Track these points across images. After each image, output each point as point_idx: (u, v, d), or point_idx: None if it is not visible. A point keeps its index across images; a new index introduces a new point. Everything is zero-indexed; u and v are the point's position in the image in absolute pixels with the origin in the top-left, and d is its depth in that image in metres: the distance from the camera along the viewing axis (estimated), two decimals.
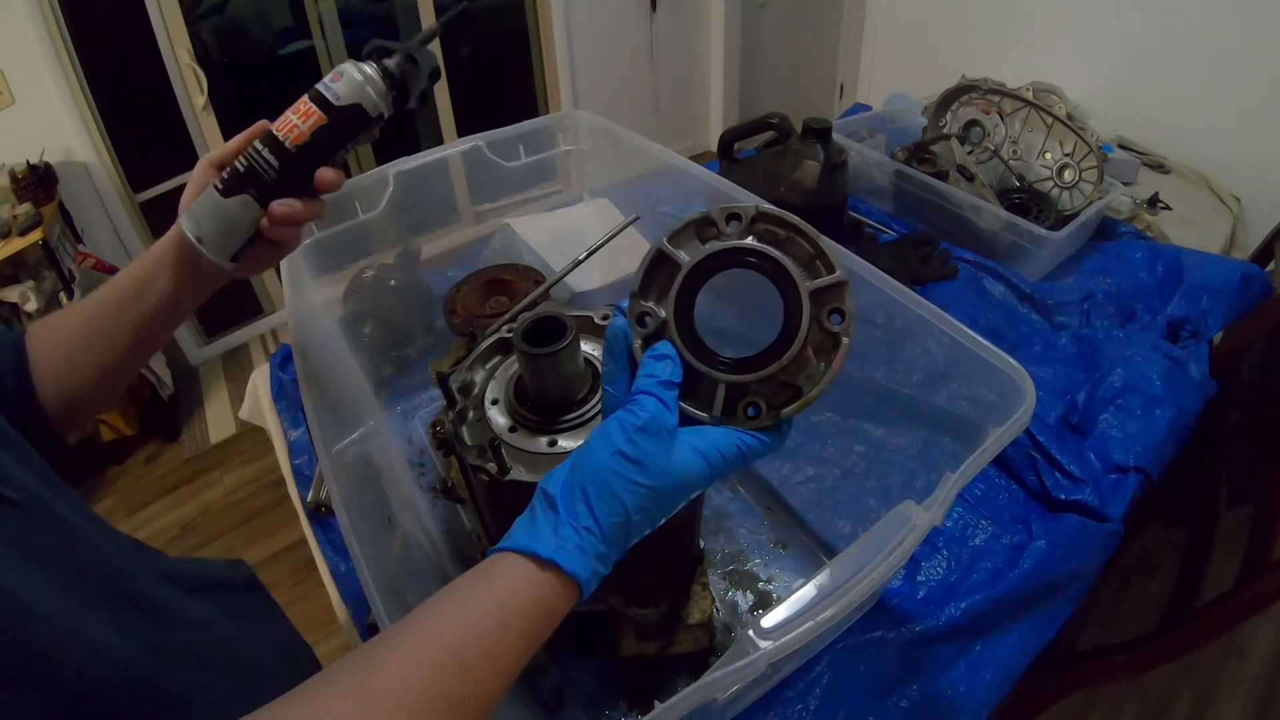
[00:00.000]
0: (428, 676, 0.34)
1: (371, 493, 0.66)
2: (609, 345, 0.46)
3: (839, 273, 0.43)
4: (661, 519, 0.41)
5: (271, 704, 0.32)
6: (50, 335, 0.54)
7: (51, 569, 0.38)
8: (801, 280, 0.44)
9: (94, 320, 0.54)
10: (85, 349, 0.54)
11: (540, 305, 0.70)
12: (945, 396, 0.65)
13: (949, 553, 0.82)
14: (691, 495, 0.42)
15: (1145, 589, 1.56)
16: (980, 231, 1.27)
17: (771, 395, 0.44)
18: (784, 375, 0.43)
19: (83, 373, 0.54)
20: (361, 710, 0.32)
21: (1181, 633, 0.90)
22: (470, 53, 2.84)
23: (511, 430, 0.59)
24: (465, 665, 0.35)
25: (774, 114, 1.18)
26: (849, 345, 0.43)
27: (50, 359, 0.53)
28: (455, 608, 0.37)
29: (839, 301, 0.43)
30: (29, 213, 1.85)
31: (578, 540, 0.38)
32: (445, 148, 0.89)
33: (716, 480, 0.42)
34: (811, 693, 0.69)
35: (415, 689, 0.33)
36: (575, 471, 0.40)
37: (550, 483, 0.40)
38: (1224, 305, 1.14)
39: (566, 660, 0.71)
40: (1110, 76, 1.98)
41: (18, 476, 0.40)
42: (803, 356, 0.43)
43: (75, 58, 2.00)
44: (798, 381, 0.43)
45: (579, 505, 0.38)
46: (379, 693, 0.33)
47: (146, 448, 2.26)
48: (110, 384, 0.56)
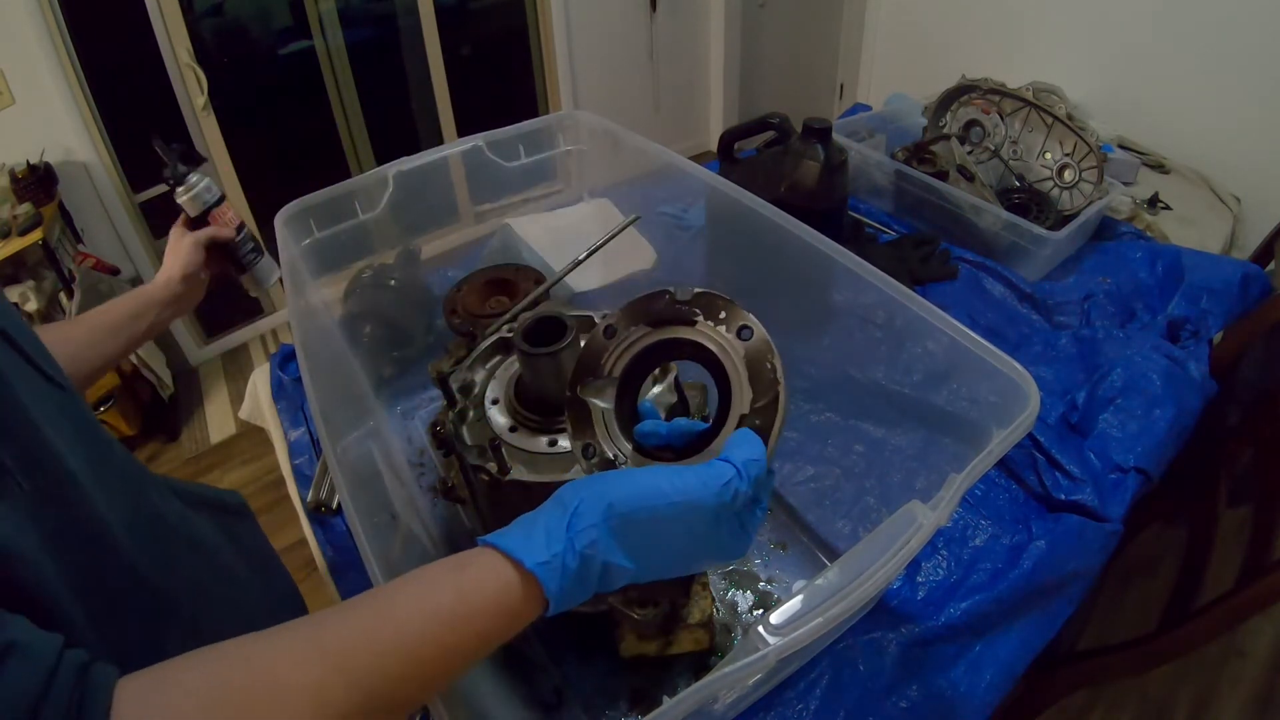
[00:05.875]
0: (371, 648, 0.34)
1: (373, 492, 0.66)
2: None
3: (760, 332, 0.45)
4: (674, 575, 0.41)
5: (235, 639, 0.33)
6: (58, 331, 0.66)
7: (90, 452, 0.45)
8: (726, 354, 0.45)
9: (95, 330, 0.68)
10: (89, 349, 0.66)
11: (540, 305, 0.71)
12: (945, 396, 0.65)
13: (949, 553, 0.82)
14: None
15: (1145, 589, 1.56)
16: (980, 231, 1.27)
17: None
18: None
19: (88, 364, 0.66)
20: (302, 663, 0.33)
21: (1181, 633, 0.90)
22: (470, 53, 2.84)
23: (512, 430, 0.59)
24: (408, 647, 0.35)
25: (774, 114, 1.17)
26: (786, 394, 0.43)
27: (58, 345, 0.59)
28: (418, 589, 0.37)
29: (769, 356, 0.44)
30: (29, 213, 1.85)
31: (561, 569, 0.37)
32: (445, 148, 0.89)
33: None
34: (811, 693, 0.69)
35: (356, 656, 0.34)
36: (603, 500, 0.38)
37: (572, 492, 0.39)
38: (1224, 305, 1.14)
39: (566, 660, 0.71)
40: (1110, 76, 1.98)
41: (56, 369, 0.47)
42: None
43: (75, 58, 2.00)
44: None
45: (587, 537, 0.38)
46: (323, 651, 0.33)
47: (146, 448, 2.26)
48: (102, 374, 0.71)
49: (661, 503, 0.38)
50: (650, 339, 0.48)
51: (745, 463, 0.40)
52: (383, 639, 0.35)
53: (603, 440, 0.47)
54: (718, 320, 0.46)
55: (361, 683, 0.33)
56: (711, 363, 0.46)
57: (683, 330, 0.47)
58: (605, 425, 0.47)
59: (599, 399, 0.47)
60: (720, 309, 0.47)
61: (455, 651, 0.37)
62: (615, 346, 0.48)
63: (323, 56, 2.51)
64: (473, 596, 0.37)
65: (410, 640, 0.35)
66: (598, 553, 0.38)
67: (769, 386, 0.43)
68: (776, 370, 0.44)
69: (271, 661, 0.32)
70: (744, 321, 0.46)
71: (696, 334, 0.47)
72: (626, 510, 0.38)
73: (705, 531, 0.40)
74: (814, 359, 0.84)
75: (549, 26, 2.82)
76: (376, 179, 0.85)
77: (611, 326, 0.49)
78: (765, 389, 0.43)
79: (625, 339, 0.48)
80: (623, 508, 0.38)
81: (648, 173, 0.94)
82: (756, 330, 0.45)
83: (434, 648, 0.36)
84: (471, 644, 0.37)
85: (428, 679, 0.36)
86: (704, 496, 0.39)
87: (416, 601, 0.36)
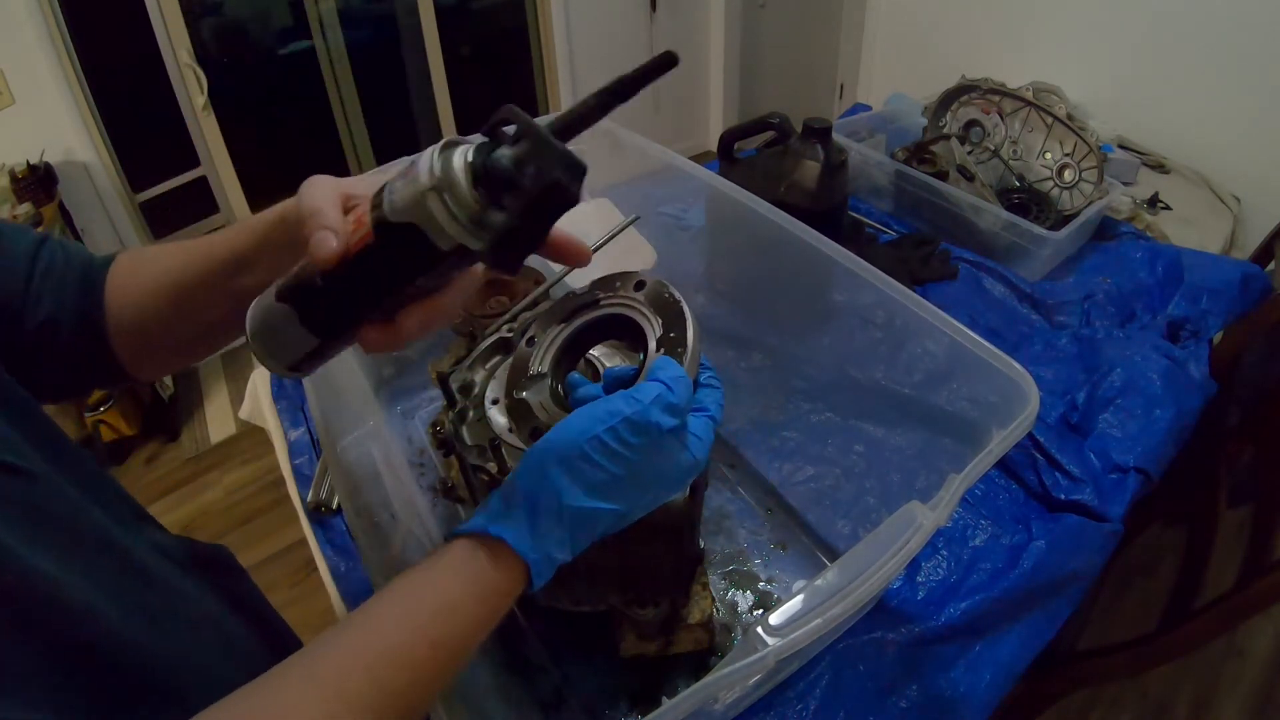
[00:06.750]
0: (362, 664, 0.34)
1: (373, 492, 0.66)
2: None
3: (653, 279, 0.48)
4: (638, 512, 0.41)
5: (231, 697, 0.33)
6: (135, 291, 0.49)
7: (56, 539, 0.38)
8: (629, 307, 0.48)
9: (184, 289, 0.48)
10: (178, 317, 0.49)
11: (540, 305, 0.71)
12: (945, 396, 0.65)
13: (949, 553, 0.82)
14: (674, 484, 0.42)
15: (1145, 589, 1.57)
16: (980, 231, 1.27)
17: None
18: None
19: (176, 337, 0.51)
20: (303, 701, 0.32)
21: (1181, 633, 0.90)
22: (470, 53, 2.84)
23: (511, 430, 0.59)
24: (400, 653, 0.35)
25: (774, 114, 1.17)
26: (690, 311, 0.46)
27: (134, 308, 0.49)
28: (398, 596, 0.37)
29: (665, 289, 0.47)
30: (29, 213, 1.85)
31: (529, 522, 0.38)
32: None
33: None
34: (811, 693, 0.69)
35: (351, 678, 0.34)
36: (547, 448, 0.39)
37: (524, 459, 0.40)
38: (1224, 305, 1.14)
39: (566, 660, 0.71)
40: (1110, 76, 1.99)
41: (27, 447, 0.40)
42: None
43: (75, 58, 2.00)
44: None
45: (542, 485, 0.38)
46: (320, 683, 0.33)
47: (146, 448, 2.26)
48: (205, 348, 0.53)
49: (601, 429, 0.38)
50: (565, 331, 0.51)
51: (670, 379, 0.40)
52: (372, 653, 0.35)
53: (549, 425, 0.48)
54: (615, 290, 0.50)
55: (364, 702, 0.33)
56: (621, 322, 0.49)
57: (588, 311, 0.50)
58: (546, 411, 0.49)
59: (534, 394, 0.50)
60: (615, 281, 0.50)
61: (447, 644, 0.37)
62: (537, 351, 0.52)
63: (323, 56, 2.51)
64: (452, 587, 0.37)
65: (398, 647, 0.35)
66: (561, 498, 0.38)
67: (672, 308, 0.46)
68: (674, 295, 0.47)
69: (279, 712, 0.32)
70: (638, 278, 0.49)
71: (599, 309, 0.50)
72: (570, 450, 0.38)
73: (649, 445, 0.39)
74: (814, 359, 0.84)
75: (549, 26, 2.82)
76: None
77: (532, 337, 0.52)
78: (672, 316, 0.46)
79: (544, 341, 0.52)
80: (566, 449, 0.38)
81: (648, 173, 0.94)
82: (649, 279, 0.48)
83: (426, 647, 0.36)
84: (466, 630, 0.37)
85: (430, 678, 0.36)
86: (638, 411, 0.39)
87: (396, 607, 0.36)
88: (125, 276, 0.50)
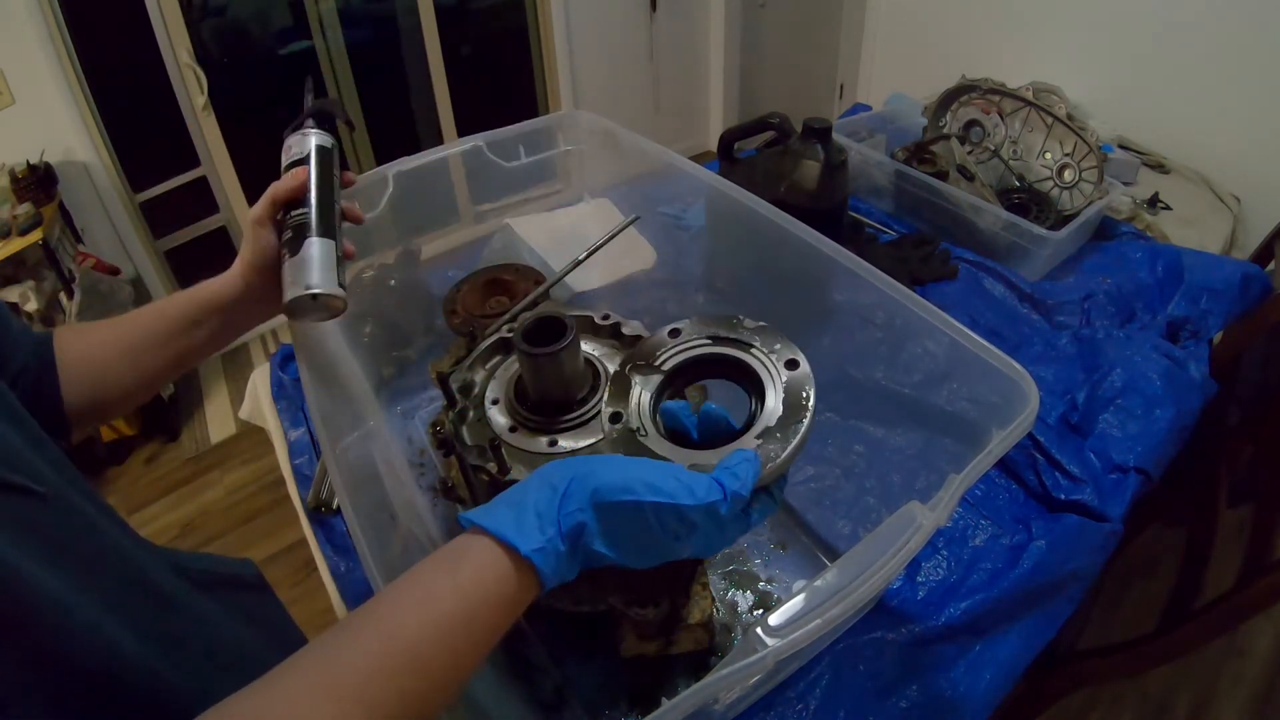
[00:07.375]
0: (386, 672, 0.34)
1: (372, 492, 0.66)
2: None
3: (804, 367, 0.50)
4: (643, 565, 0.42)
5: (240, 694, 0.33)
6: (83, 345, 0.55)
7: (71, 562, 0.38)
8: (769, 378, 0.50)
9: (137, 340, 0.56)
10: (125, 364, 0.55)
11: (540, 305, 0.71)
12: (945, 397, 0.65)
13: (949, 553, 0.82)
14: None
15: (1145, 589, 1.57)
16: (980, 231, 1.27)
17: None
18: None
19: (119, 383, 0.56)
20: (320, 704, 0.32)
21: (1181, 633, 0.90)
22: (470, 53, 2.84)
23: (512, 430, 0.59)
24: (423, 662, 0.35)
25: (774, 114, 1.17)
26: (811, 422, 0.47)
27: (84, 363, 0.54)
28: (418, 601, 0.37)
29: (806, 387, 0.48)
30: (29, 213, 1.85)
31: (560, 544, 0.38)
32: (445, 148, 0.89)
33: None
34: (811, 693, 0.69)
35: (373, 684, 0.33)
36: (589, 474, 0.39)
37: (560, 472, 0.40)
38: (1224, 305, 1.14)
39: (567, 660, 0.71)
40: (1110, 76, 1.98)
41: (42, 470, 0.40)
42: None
43: (75, 58, 2.00)
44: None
45: (574, 516, 0.38)
46: (338, 687, 0.33)
47: (147, 448, 2.26)
48: (143, 394, 0.59)
49: (644, 499, 0.39)
50: (706, 349, 0.53)
51: (733, 489, 0.41)
52: (396, 662, 0.34)
53: (632, 414, 0.50)
54: (771, 351, 0.51)
55: (385, 710, 0.33)
56: (754, 383, 0.50)
57: (736, 350, 0.52)
58: (639, 403, 0.50)
59: (642, 381, 0.51)
60: (776, 342, 0.52)
61: (467, 653, 0.37)
62: (674, 345, 0.53)
63: (323, 56, 2.51)
64: (474, 596, 0.37)
65: (423, 656, 0.35)
66: (582, 537, 0.39)
67: (798, 411, 0.47)
68: (809, 399, 0.48)
69: (290, 713, 0.32)
70: (794, 355, 0.51)
71: (749, 357, 0.51)
72: (610, 500, 0.39)
73: (683, 532, 0.40)
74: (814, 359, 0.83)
75: (549, 26, 2.82)
76: (376, 179, 0.85)
77: (678, 329, 0.54)
78: (794, 413, 0.47)
79: (685, 341, 0.53)
80: (607, 496, 0.39)
81: (648, 173, 0.94)
82: (803, 364, 0.50)
83: (448, 655, 0.36)
84: (483, 638, 0.37)
85: (448, 685, 0.36)
86: (684, 504, 0.39)
87: (420, 613, 0.36)
88: (74, 337, 0.55)
